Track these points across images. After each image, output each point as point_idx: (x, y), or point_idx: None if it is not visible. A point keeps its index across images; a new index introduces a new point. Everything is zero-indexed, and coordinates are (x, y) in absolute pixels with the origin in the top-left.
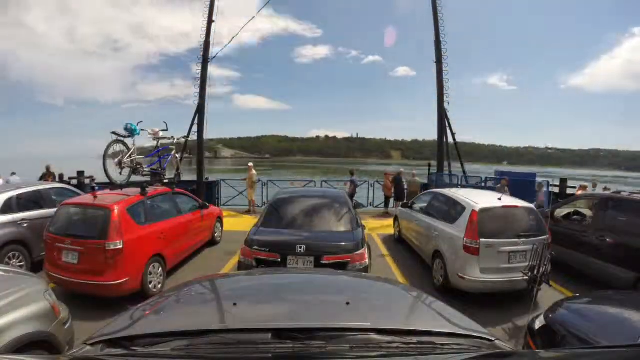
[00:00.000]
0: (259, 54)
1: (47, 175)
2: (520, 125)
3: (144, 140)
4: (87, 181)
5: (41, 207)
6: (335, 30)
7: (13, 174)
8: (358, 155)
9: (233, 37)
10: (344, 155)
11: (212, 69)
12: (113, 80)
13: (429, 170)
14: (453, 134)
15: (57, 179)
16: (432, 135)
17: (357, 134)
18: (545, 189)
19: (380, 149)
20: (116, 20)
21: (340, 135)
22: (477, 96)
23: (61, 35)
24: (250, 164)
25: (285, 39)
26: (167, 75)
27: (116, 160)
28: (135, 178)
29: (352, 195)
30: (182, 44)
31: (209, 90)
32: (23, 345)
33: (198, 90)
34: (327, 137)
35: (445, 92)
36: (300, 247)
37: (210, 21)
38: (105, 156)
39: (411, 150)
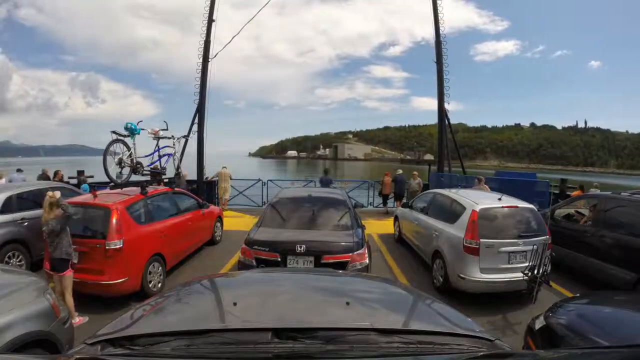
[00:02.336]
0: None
1: (50, 176)
2: None
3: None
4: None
5: (41, 207)
6: (524, 22)
7: (19, 170)
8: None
9: (233, 37)
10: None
11: (385, 70)
12: (293, 85)
13: (429, 170)
14: (453, 134)
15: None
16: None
17: (586, 123)
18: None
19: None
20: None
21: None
22: None
23: (251, 48)
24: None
25: (465, 34)
26: (344, 78)
27: (116, 159)
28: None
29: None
30: (360, 46)
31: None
32: (23, 344)
33: (199, 90)
34: (532, 125)
35: (445, 91)
36: (300, 247)
37: (210, 21)
38: (105, 155)
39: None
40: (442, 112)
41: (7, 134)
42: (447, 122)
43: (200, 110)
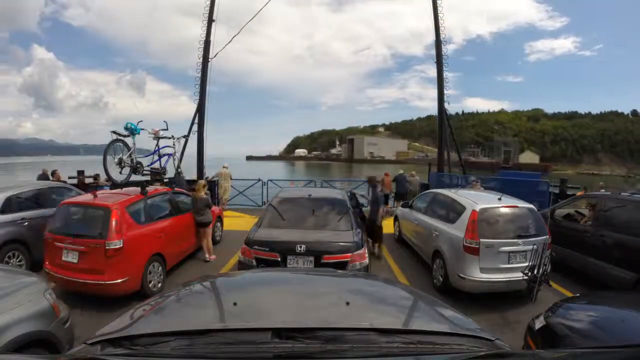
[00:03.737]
0: (490, 50)
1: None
2: None
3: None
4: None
5: (41, 207)
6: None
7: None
8: None
9: (233, 37)
10: None
11: (434, 72)
12: (343, 85)
13: (429, 170)
14: (452, 134)
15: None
16: None
17: None
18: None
19: None
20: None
21: None
22: None
23: (302, 48)
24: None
25: (519, 30)
26: (396, 77)
27: (116, 159)
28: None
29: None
30: (413, 44)
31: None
32: (23, 344)
33: (200, 90)
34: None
35: (445, 91)
36: (300, 247)
37: (210, 21)
38: (105, 155)
39: None
40: (442, 112)
41: (55, 134)
42: (447, 122)
43: (200, 110)
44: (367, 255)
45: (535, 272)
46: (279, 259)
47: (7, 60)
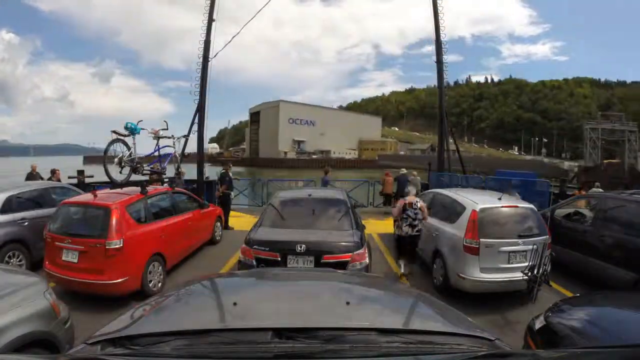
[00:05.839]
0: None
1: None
2: None
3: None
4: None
5: (41, 207)
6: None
7: None
8: None
9: (233, 37)
10: None
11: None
12: (320, 83)
13: (429, 169)
14: (453, 134)
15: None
16: None
17: None
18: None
19: None
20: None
21: None
22: None
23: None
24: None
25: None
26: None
27: (116, 159)
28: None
29: None
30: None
31: None
32: (23, 344)
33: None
34: None
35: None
36: (300, 247)
37: (210, 20)
38: (105, 155)
39: None
40: (442, 112)
41: (11, 134)
42: (447, 124)
43: (200, 110)
44: (367, 254)
45: (535, 272)
46: (279, 259)
47: None
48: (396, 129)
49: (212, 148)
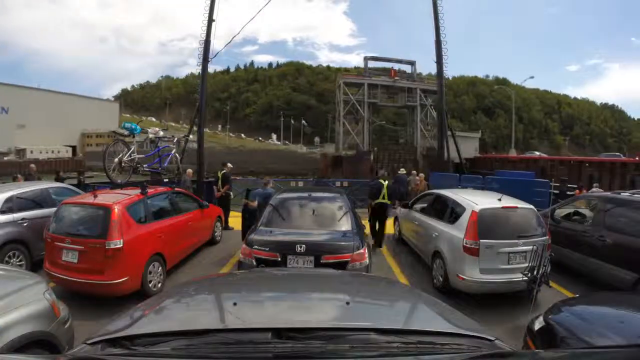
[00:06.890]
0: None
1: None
2: None
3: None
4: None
5: (41, 207)
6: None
7: None
8: None
9: (233, 37)
10: None
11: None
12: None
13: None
14: (453, 134)
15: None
16: None
17: None
18: None
19: None
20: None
21: None
22: None
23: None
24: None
25: None
26: None
27: (116, 159)
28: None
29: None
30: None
31: None
32: (23, 345)
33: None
34: None
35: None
36: (300, 247)
37: (210, 20)
38: (105, 155)
39: None
40: (442, 112)
41: None
42: (446, 123)
43: (200, 110)
44: (367, 255)
45: (535, 272)
46: (279, 259)
47: None
48: (153, 119)
49: None
